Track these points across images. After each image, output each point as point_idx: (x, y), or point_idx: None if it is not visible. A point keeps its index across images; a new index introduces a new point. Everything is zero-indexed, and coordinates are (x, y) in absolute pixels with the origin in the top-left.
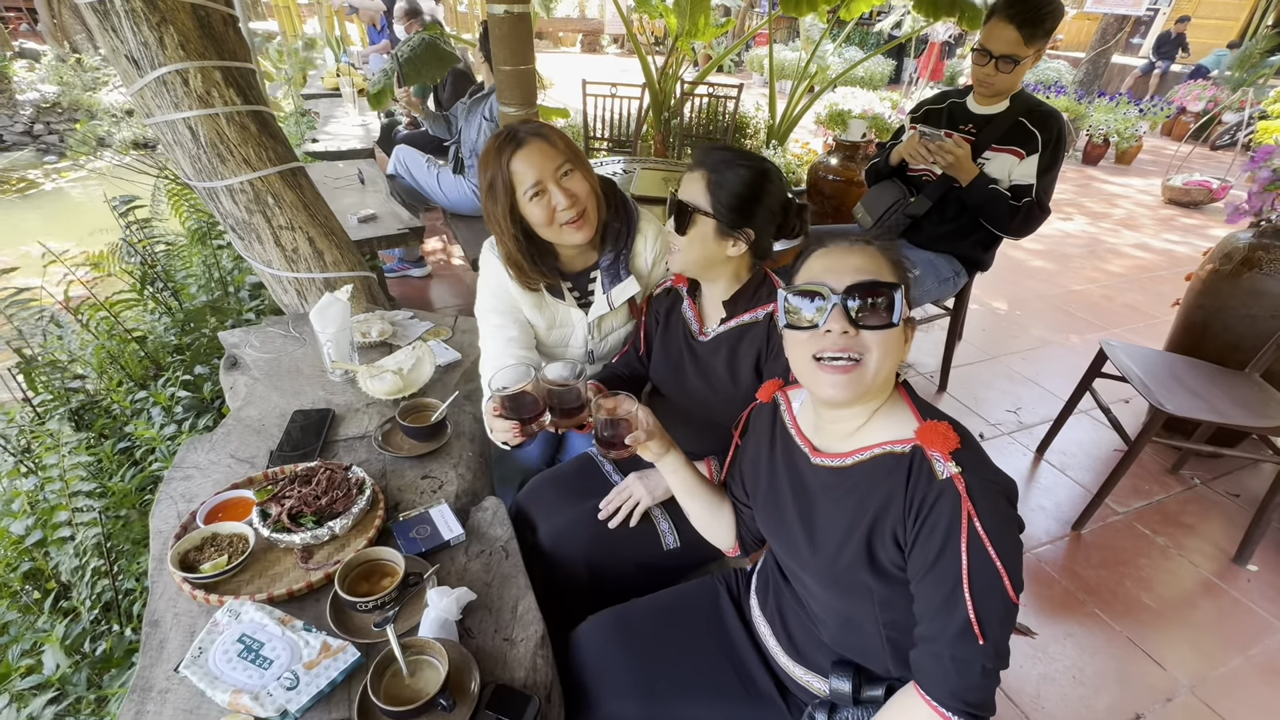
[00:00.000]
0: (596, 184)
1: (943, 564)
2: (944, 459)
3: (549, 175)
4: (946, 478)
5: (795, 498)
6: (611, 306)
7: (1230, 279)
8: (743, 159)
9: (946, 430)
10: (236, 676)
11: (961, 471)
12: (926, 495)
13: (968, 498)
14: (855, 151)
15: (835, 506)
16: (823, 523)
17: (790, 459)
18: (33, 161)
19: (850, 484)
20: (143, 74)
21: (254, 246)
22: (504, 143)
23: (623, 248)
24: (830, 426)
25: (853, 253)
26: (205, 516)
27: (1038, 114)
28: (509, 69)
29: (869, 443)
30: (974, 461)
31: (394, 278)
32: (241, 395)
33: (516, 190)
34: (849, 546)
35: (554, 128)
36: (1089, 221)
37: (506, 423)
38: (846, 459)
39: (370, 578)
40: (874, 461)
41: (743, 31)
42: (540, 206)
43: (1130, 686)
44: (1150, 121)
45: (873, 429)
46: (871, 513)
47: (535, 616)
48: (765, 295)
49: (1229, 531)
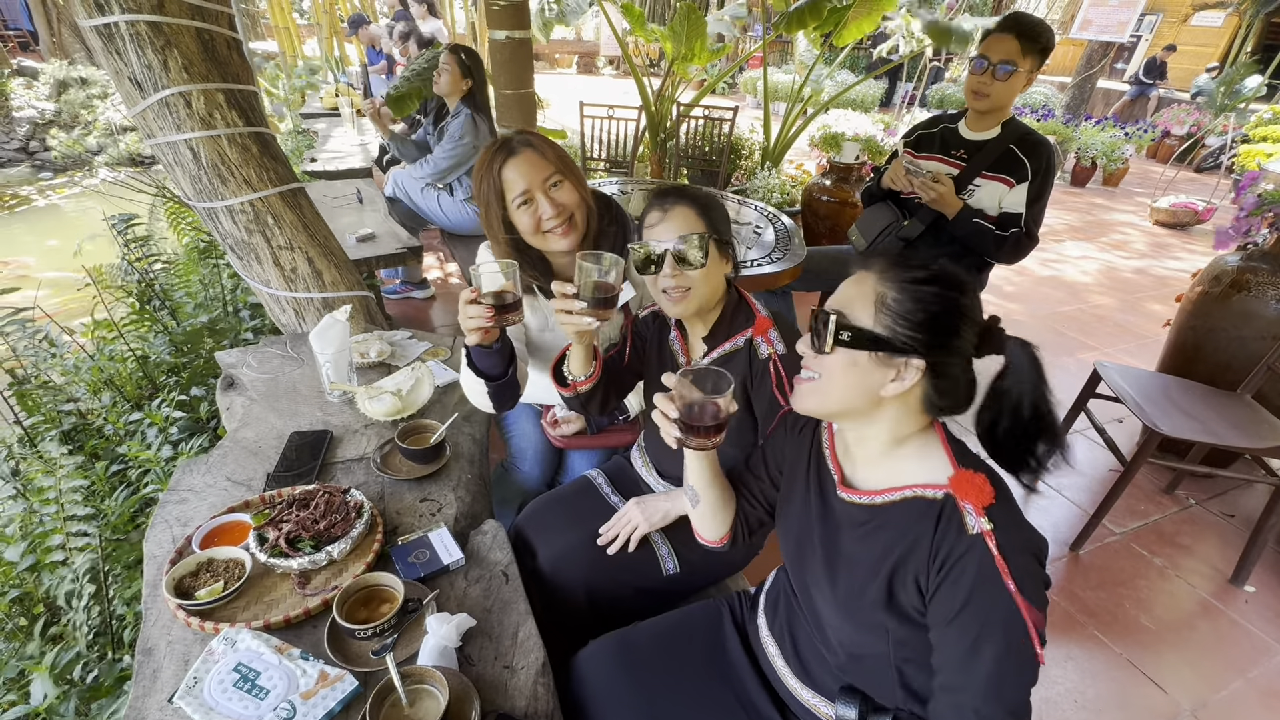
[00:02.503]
0: (588, 195)
1: (967, 616)
2: (976, 513)
3: (537, 185)
4: (977, 533)
5: (821, 526)
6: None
7: (1220, 301)
8: (689, 188)
9: (982, 483)
10: (232, 707)
11: (994, 529)
12: (954, 547)
13: (999, 555)
14: (849, 173)
15: (860, 544)
16: (846, 558)
17: (821, 484)
18: (28, 178)
19: (878, 523)
20: (146, 96)
21: (253, 266)
22: (496, 151)
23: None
24: (855, 450)
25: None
26: (201, 541)
27: (1028, 142)
28: (510, 93)
29: (900, 482)
30: (1007, 519)
31: (395, 299)
32: (238, 416)
33: (506, 197)
34: (870, 587)
35: (546, 138)
36: (1078, 242)
37: (479, 308)
38: (876, 497)
39: (369, 604)
40: (905, 504)
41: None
42: (527, 215)
43: (1132, 711)
44: (1136, 145)
45: (904, 466)
46: (896, 556)
47: (536, 643)
48: (743, 320)
49: (1225, 552)
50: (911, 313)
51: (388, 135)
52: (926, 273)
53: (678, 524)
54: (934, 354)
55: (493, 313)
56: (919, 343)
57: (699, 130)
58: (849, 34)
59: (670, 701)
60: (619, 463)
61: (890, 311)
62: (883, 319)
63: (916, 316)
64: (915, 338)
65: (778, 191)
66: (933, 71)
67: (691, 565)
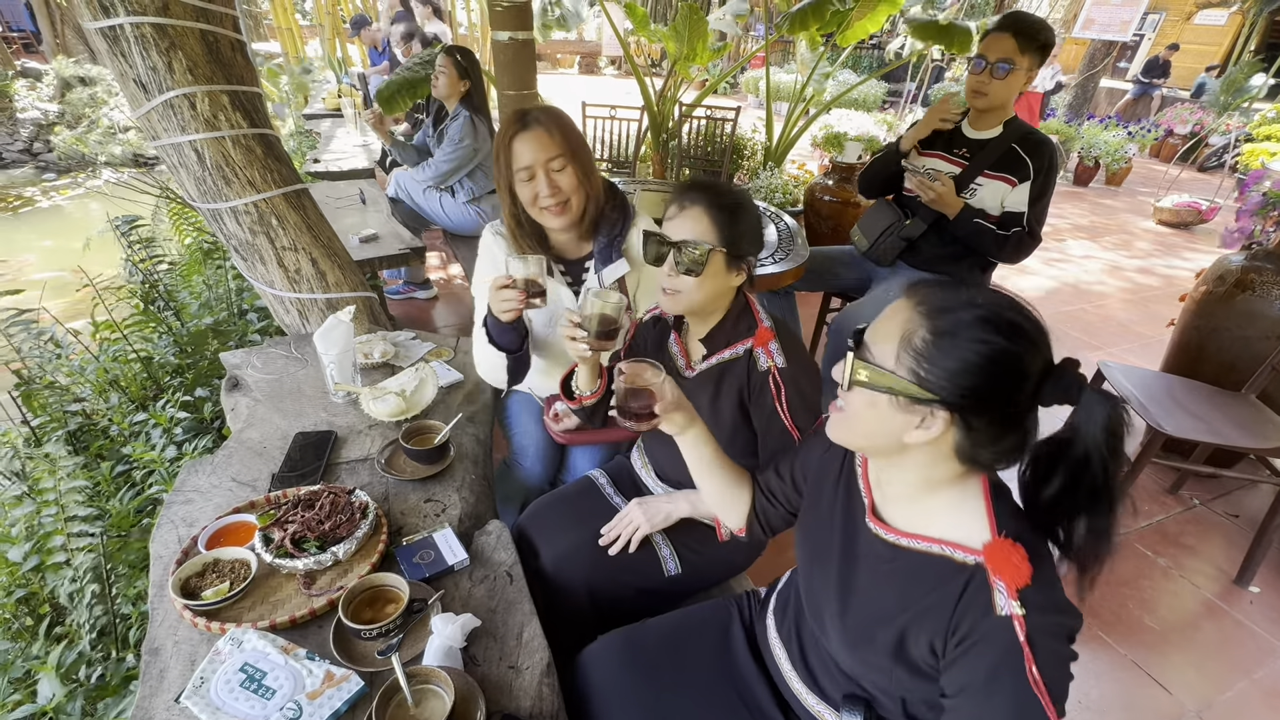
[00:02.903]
0: (592, 183)
1: (981, 697)
2: (1009, 593)
3: (540, 163)
4: (1006, 615)
5: (841, 552)
6: (602, 285)
7: (1224, 301)
8: (724, 188)
9: (1020, 561)
10: (239, 707)
11: (1025, 615)
12: (976, 624)
13: (1027, 645)
14: (851, 173)
15: (877, 584)
16: (861, 593)
17: (849, 506)
18: (31, 179)
19: (899, 568)
20: (151, 98)
21: (257, 267)
22: (513, 120)
23: (617, 234)
24: (886, 484)
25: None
26: (207, 542)
27: (1030, 141)
28: (513, 94)
29: (930, 532)
30: (1042, 602)
31: (398, 300)
32: (243, 417)
33: (512, 166)
34: (880, 633)
35: (563, 119)
36: (1081, 242)
37: (513, 292)
38: (903, 539)
39: (374, 604)
40: (930, 559)
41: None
42: (527, 188)
43: (1137, 712)
44: (1139, 144)
45: (936, 514)
46: (912, 612)
47: (541, 643)
48: (745, 329)
49: (1229, 553)
50: (939, 359)
51: (389, 142)
52: (968, 311)
53: (680, 525)
54: (966, 406)
55: (525, 295)
56: (946, 392)
57: (701, 130)
58: (852, 34)
59: (676, 701)
60: (620, 463)
61: (916, 353)
62: (906, 360)
63: (946, 364)
64: (942, 386)
65: (780, 191)
66: (935, 71)
67: (693, 566)
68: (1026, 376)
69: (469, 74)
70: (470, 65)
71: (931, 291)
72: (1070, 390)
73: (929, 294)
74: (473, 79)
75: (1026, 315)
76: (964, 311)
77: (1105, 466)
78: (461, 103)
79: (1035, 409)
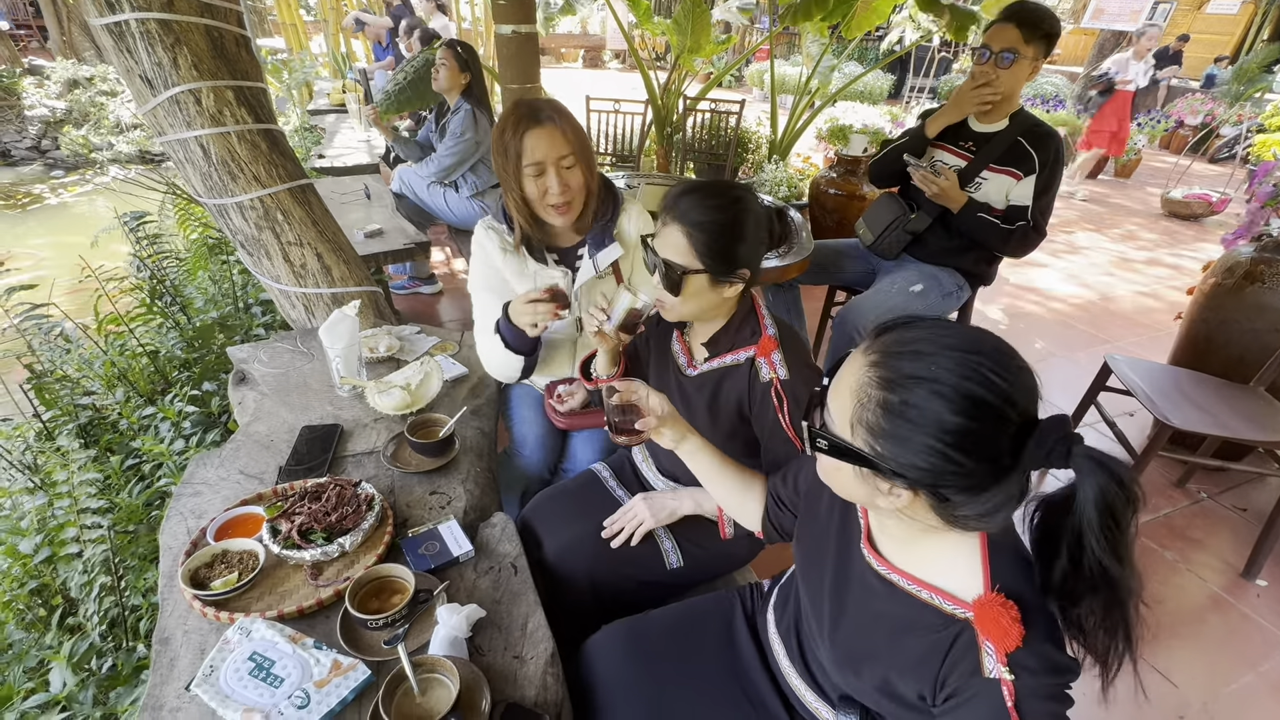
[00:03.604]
0: (595, 182)
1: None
2: (997, 656)
3: (551, 160)
4: (994, 679)
5: (834, 572)
6: (597, 270)
7: (1233, 293)
8: (713, 197)
9: (1011, 622)
10: (248, 695)
11: (1014, 680)
12: (965, 683)
13: (1015, 711)
14: (856, 166)
15: (868, 616)
16: (850, 618)
17: (845, 528)
18: (40, 176)
19: (889, 605)
20: (156, 93)
21: (263, 262)
22: (524, 115)
23: (607, 221)
24: (881, 521)
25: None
26: (215, 533)
27: (1036, 134)
28: (516, 88)
29: (922, 575)
30: (1033, 665)
31: (403, 295)
32: (250, 411)
33: (521, 160)
34: (867, 670)
35: (571, 118)
36: (1089, 234)
37: (549, 304)
38: (894, 575)
39: (380, 595)
40: (920, 605)
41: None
42: (535, 184)
43: (1141, 704)
44: (1149, 135)
45: (929, 558)
46: (901, 657)
47: (545, 634)
48: (749, 334)
49: (1237, 546)
50: (892, 444)
51: (391, 138)
52: (923, 387)
53: (684, 519)
54: (931, 484)
55: (558, 308)
56: (906, 471)
57: (706, 124)
58: (857, 26)
59: (678, 691)
60: (623, 456)
61: (869, 428)
62: (860, 433)
63: (899, 451)
64: (900, 467)
65: (785, 185)
66: (941, 63)
67: (695, 559)
68: (997, 449)
69: (469, 67)
70: (470, 58)
71: (889, 347)
72: (1053, 456)
73: (886, 351)
74: (473, 72)
75: (999, 376)
76: (919, 387)
77: (1102, 549)
78: (463, 96)
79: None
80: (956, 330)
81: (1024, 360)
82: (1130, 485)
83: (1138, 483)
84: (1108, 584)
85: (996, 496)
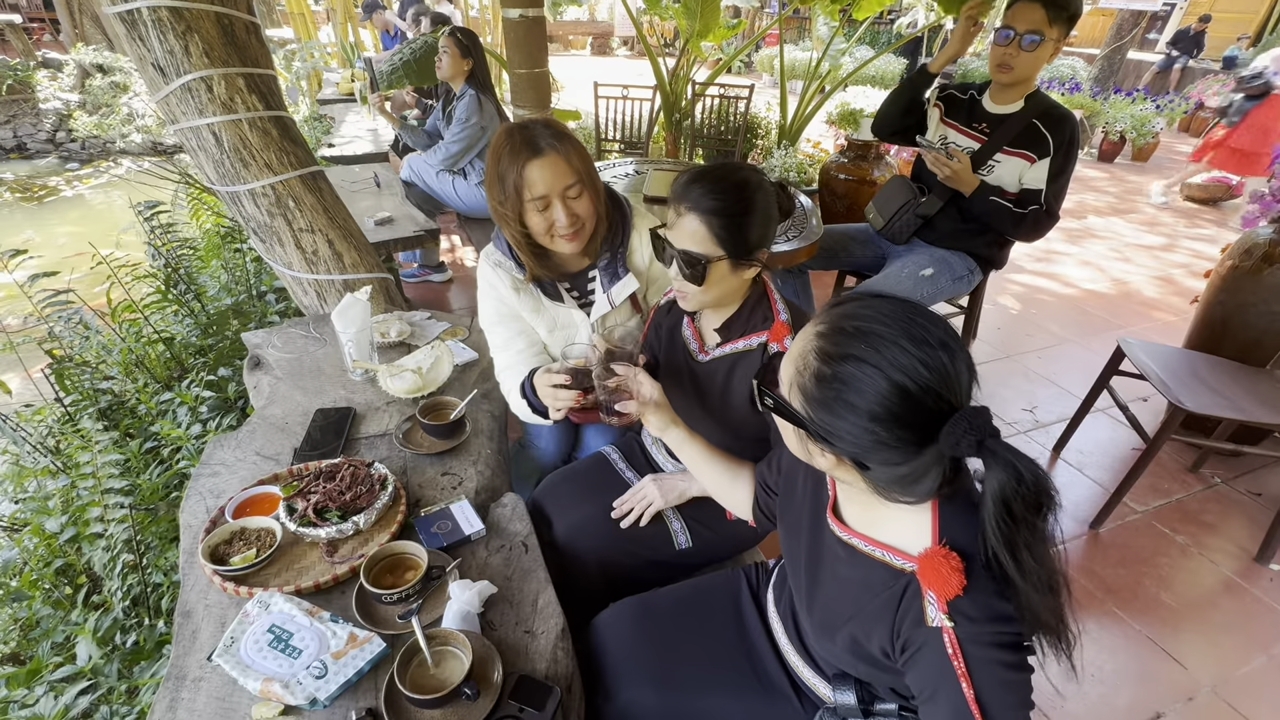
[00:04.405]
0: (602, 204)
1: (938, 703)
2: (938, 604)
3: (556, 192)
4: (936, 626)
5: (809, 546)
6: (612, 304)
7: (1251, 275)
8: (723, 181)
9: (950, 572)
10: (267, 665)
11: (955, 626)
12: (913, 634)
13: (959, 659)
14: (867, 150)
15: (836, 583)
16: (822, 589)
17: (817, 500)
18: (55, 169)
19: (852, 572)
20: (169, 81)
21: (275, 249)
22: (522, 146)
23: (619, 247)
24: (843, 487)
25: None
26: (233, 511)
27: (1052, 116)
28: (524, 72)
29: (877, 535)
30: (974, 613)
31: (414, 283)
32: (265, 394)
33: (524, 195)
34: (839, 634)
35: (572, 139)
36: (1105, 219)
37: (570, 392)
38: (855, 539)
39: (394, 571)
40: (875, 565)
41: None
42: (541, 217)
43: (1150, 685)
44: (1167, 118)
45: (883, 518)
46: (861, 617)
47: (555, 610)
48: (760, 319)
49: (1251, 530)
50: (821, 411)
51: (398, 126)
52: (854, 366)
53: (692, 500)
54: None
55: (582, 395)
56: (832, 439)
57: (714, 109)
58: (867, 7)
59: (686, 666)
60: (633, 439)
61: (804, 394)
62: (797, 396)
63: (827, 418)
64: (827, 434)
65: (794, 170)
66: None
67: (704, 540)
68: (914, 432)
69: (471, 53)
70: (472, 44)
71: (836, 320)
72: (962, 445)
73: (832, 324)
74: (475, 57)
75: (928, 368)
76: (851, 365)
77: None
78: (467, 82)
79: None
80: (905, 315)
81: (964, 353)
82: (1032, 484)
83: (1046, 482)
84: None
85: (913, 472)
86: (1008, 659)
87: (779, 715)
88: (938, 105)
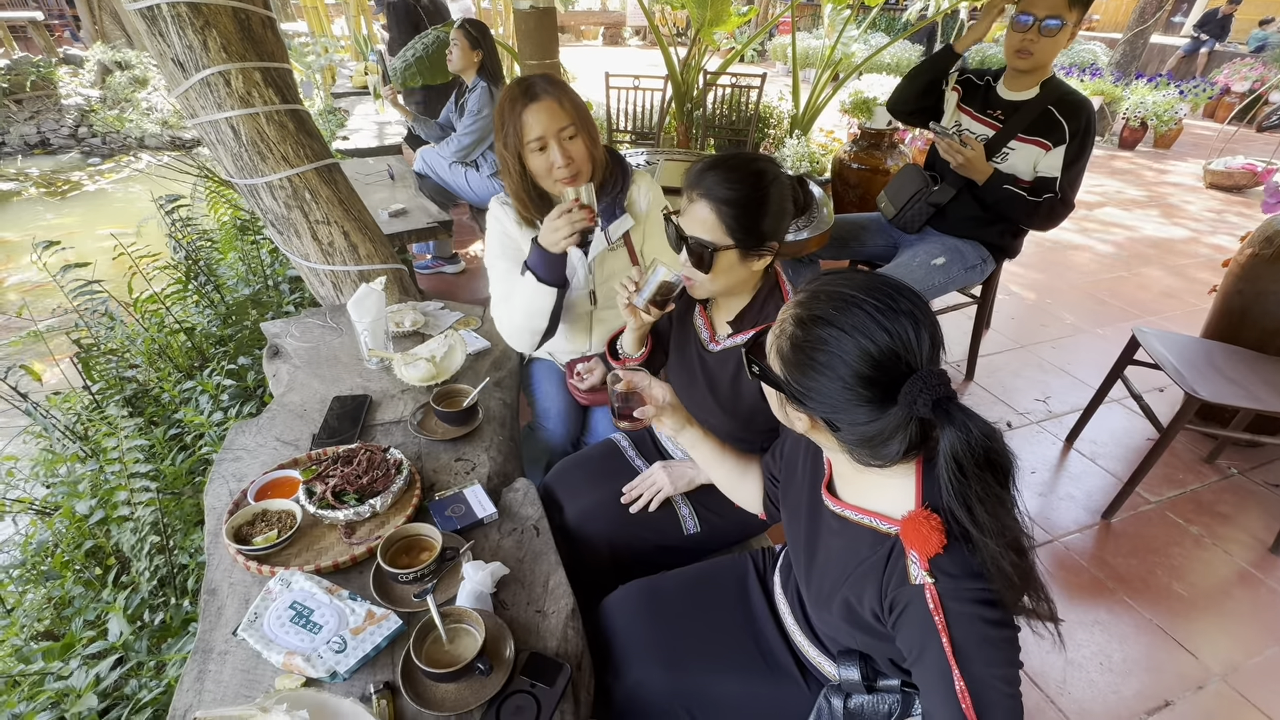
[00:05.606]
0: (598, 150)
1: (921, 666)
2: (920, 563)
3: (552, 133)
4: (919, 584)
5: (808, 522)
6: (609, 241)
7: (1270, 263)
8: (737, 170)
9: (930, 531)
10: (289, 640)
11: (935, 582)
12: (899, 594)
13: (939, 613)
14: (881, 139)
15: (830, 553)
16: (819, 563)
17: (814, 478)
18: (77, 164)
19: (843, 540)
20: (188, 76)
21: (292, 241)
22: (520, 94)
23: (618, 193)
24: (835, 463)
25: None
26: (255, 494)
27: (1067, 103)
28: (535, 63)
29: (865, 504)
30: (954, 570)
31: (427, 274)
32: (284, 382)
33: (523, 138)
34: (834, 602)
35: (567, 87)
36: (1124, 207)
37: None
38: (847, 510)
39: (410, 552)
40: (863, 530)
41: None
42: (540, 159)
43: (1160, 674)
44: (1191, 103)
45: (872, 487)
46: (852, 581)
47: (566, 591)
48: (773, 310)
49: (1267, 522)
50: (795, 372)
51: (411, 118)
52: (826, 330)
53: (701, 487)
54: (823, 413)
55: (592, 214)
56: (803, 399)
57: (726, 99)
58: None
59: (693, 646)
60: None
61: (781, 357)
62: (775, 359)
63: (800, 379)
64: (798, 394)
65: (807, 160)
66: None
67: (712, 526)
68: (878, 393)
69: (481, 44)
70: (481, 35)
71: (816, 287)
72: (918, 405)
73: (812, 291)
74: (485, 49)
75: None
76: (822, 329)
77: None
78: (478, 74)
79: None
80: (874, 285)
81: (930, 323)
82: (980, 441)
83: (995, 440)
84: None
85: (880, 433)
86: (988, 615)
87: (785, 695)
88: (956, 89)
